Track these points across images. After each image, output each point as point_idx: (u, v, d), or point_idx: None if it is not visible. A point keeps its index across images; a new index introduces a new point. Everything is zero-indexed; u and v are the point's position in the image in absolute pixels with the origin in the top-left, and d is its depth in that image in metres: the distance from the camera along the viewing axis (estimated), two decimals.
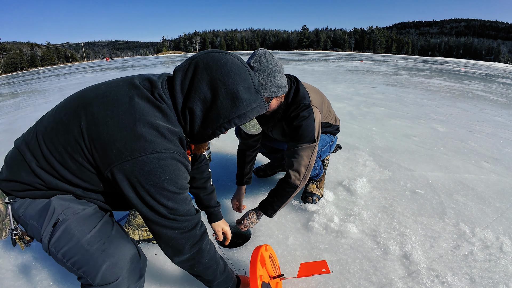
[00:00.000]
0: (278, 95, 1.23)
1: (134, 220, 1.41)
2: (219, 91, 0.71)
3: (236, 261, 1.34)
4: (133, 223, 1.40)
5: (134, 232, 1.42)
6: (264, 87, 1.18)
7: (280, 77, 1.21)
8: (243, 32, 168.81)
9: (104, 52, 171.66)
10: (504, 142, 3.10)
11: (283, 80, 1.24)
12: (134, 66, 18.52)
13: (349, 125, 3.55)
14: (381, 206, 1.76)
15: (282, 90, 1.24)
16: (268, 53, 1.20)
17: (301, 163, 1.33)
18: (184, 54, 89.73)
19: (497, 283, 1.21)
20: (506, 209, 1.76)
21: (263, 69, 1.16)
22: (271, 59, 1.18)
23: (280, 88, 1.22)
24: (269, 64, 1.16)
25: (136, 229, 1.41)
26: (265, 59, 1.16)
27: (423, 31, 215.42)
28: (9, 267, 1.31)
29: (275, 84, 1.20)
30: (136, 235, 1.42)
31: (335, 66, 15.09)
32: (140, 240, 1.43)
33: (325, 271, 1.04)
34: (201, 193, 1.20)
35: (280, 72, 1.21)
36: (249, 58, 1.19)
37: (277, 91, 1.22)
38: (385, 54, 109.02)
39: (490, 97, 6.51)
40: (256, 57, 1.17)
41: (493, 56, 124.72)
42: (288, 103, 1.37)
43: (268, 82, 1.18)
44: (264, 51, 1.20)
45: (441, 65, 22.38)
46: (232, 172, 2.20)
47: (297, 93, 1.36)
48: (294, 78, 1.42)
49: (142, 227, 1.42)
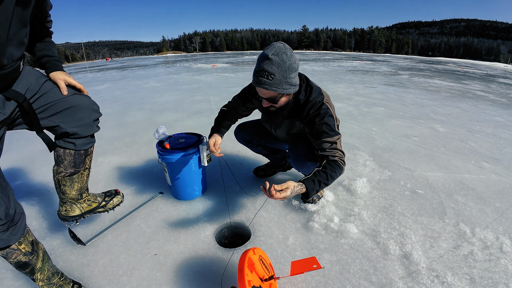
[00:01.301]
0: (289, 92, 1.22)
1: (65, 196, 1.27)
2: None
3: (236, 261, 1.34)
4: (66, 200, 1.29)
5: (73, 207, 1.31)
6: (278, 82, 1.14)
7: (295, 76, 1.19)
8: (243, 32, 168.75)
9: (104, 52, 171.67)
10: (504, 142, 3.10)
11: (297, 79, 1.23)
12: (134, 66, 18.52)
13: (349, 125, 3.55)
14: (381, 206, 1.76)
15: (293, 89, 1.23)
16: (288, 48, 1.16)
17: (340, 148, 1.31)
18: (184, 54, 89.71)
19: (497, 283, 1.21)
20: (506, 209, 1.76)
21: (281, 64, 1.12)
22: (290, 55, 1.15)
23: (293, 86, 1.21)
24: (288, 60, 1.13)
25: (73, 204, 1.30)
26: (284, 54, 1.13)
27: (423, 31, 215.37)
28: (9, 267, 1.31)
29: (290, 81, 1.18)
30: (76, 210, 1.31)
31: (335, 66, 15.09)
32: (83, 213, 1.33)
33: (316, 267, 1.03)
34: (39, 46, 1.09)
35: (296, 71, 1.19)
36: (268, 49, 1.14)
37: (290, 89, 1.20)
38: (385, 54, 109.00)
39: (490, 97, 6.51)
40: (276, 49, 1.13)
41: (493, 56, 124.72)
42: (303, 102, 1.34)
43: (284, 78, 1.15)
44: (284, 45, 1.16)
45: (441, 65, 22.38)
46: (232, 172, 2.20)
47: (311, 92, 1.34)
48: (304, 76, 1.40)
49: (78, 200, 1.31)
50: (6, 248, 0.95)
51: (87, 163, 1.27)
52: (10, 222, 0.91)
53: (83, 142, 1.18)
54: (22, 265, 1.01)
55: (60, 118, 1.07)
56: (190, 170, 1.72)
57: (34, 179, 2.14)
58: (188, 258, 1.35)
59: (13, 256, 0.97)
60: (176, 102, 5.19)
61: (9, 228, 0.91)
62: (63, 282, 1.15)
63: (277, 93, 1.19)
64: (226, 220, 1.64)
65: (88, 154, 1.25)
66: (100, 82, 9.20)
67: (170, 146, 1.67)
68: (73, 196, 1.28)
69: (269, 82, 1.14)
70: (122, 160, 2.48)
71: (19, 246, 0.97)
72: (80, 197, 1.32)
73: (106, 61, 45.91)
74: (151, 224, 1.60)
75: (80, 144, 1.17)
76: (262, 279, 1.06)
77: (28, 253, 1.01)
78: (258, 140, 1.81)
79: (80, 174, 1.25)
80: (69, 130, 1.10)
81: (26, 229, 1.01)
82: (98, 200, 1.40)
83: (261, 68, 1.14)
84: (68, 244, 1.45)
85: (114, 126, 3.62)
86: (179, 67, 15.72)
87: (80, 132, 1.14)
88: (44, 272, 1.08)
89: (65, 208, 1.30)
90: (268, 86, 1.16)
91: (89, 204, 1.35)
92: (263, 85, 1.16)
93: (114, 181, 2.11)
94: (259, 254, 1.13)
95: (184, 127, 3.48)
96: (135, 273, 1.27)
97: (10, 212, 0.90)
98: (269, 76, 1.13)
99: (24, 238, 0.99)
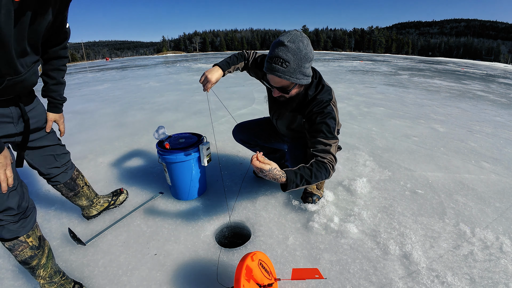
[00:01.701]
0: (302, 83, 1.18)
1: (81, 206, 1.57)
2: None
3: (236, 261, 1.34)
4: (84, 207, 1.59)
5: (90, 210, 1.62)
6: (292, 71, 1.10)
7: (309, 66, 1.16)
8: (243, 32, 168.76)
9: (104, 52, 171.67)
10: (504, 142, 3.10)
11: (310, 70, 1.19)
12: (134, 66, 18.52)
13: (349, 125, 3.55)
14: (381, 206, 1.76)
15: (306, 80, 1.19)
16: (305, 37, 1.12)
17: (330, 151, 1.23)
18: (184, 54, 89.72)
19: (497, 283, 1.21)
20: (506, 209, 1.76)
21: (297, 52, 1.08)
22: (307, 44, 1.11)
23: (306, 77, 1.17)
24: (304, 48, 1.10)
25: (90, 208, 1.61)
26: (301, 42, 1.09)
27: (423, 31, 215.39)
28: (9, 267, 1.31)
29: (303, 71, 1.14)
30: (93, 211, 1.63)
31: (335, 66, 15.10)
32: (99, 212, 1.65)
33: (318, 277, 1.02)
34: (49, 81, 1.24)
35: (312, 61, 1.16)
36: (283, 35, 1.10)
37: (303, 79, 1.16)
38: (385, 54, 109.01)
39: (490, 97, 6.52)
40: (292, 37, 1.09)
41: (493, 56, 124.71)
42: (311, 98, 1.30)
43: (298, 67, 1.11)
44: (301, 33, 1.11)
45: (441, 65, 22.39)
46: (233, 172, 2.20)
47: (322, 90, 1.30)
48: (318, 73, 1.36)
49: (92, 205, 1.61)
50: (15, 239, 0.99)
51: (80, 184, 1.51)
52: (22, 214, 0.98)
53: (63, 176, 1.40)
54: (27, 259, 1.04)
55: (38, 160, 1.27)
56: (190, 170, 1.72)
57: (34, 180, 2.14)
58: (188, 258, 1.35)
59: (20, 248, 1.01)
60: (176, 102, 5.19)
61: (20, 219, 0.98)
62: (65, 282, 1.16)
63: (289, 82, 1.15)
64: (226, 220, 1.64)
65: (75, 179, 1.47)
66: (100, 82, 9.19)
67: (170, 146, 1.67)
68: (86, 204, 1.59)
69: (283, 69, 1.10)
70: (122, 160, 2.48)
71: (27, 239, 1.02)
72: (92, 202, 1.62)
73: (106, 61, 45.87)
74: (151, 224, 1.60)
75: (61, 178, 1.39)
76: (261, 285, 1.04)
77: (35, 247, 1.05)
78: (255, 141, 1.81)
79: (82, 192, 1.53)
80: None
81: (36, 224, 1.06)
82: (108, 200, 1.72)
83: (275, 54, 1.09)
84: (68, 244, 1.45)
85: (114, 126, 3.62)
86: (179, 67, 15.72)
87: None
88: (47, 269, 1.11)
89: (85, 212, 1.64)
90: (281, 74, 1.11)
91: (102, 204, 1.67)
92: (277, 72, 1.11)
93: (114, 181, 2.11)
94: (258, 258, 1.09)
95: (184, 127, 3.48)
96: (135, 273, 1.27)
97: (23, 205, 0.98)
98: (284, 63, 1.08)
99: (32, 232, 1.04)
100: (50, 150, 1.27)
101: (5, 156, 0.84)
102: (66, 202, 1.80)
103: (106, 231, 1.55)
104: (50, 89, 1.27)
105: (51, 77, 1.23)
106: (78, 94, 6.43)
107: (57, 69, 1.23)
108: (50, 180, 1.38)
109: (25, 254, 1.03)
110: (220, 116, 3.97)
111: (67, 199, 1.57)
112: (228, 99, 5.18)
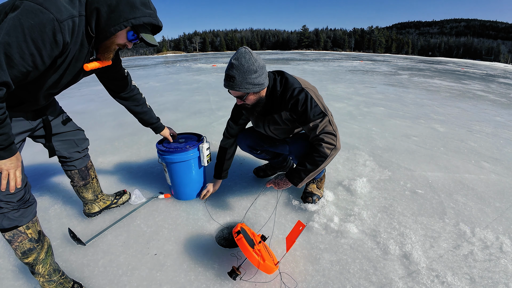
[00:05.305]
0: (254, 91, 1.33)
1: (85, 199, 1.61)
2: (121, 0, 0.92)
3: (236, 262, 1.34)
4: (87, 201, 1.62)
5: (93, 206, 1.65)
6: (239, 83, 1.28)
7: (256, 76, 1.30)
8: (243, 32, 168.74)
9: None
10: (504, 142, 3.10)
11: (260, 79, 1.32)
12: (134, 66, 18.50)
13: (349, 125, 3.55)
14: (381, 206, 1.76)
15: (258, 88, 1.33)
16: (247, 53, 1.28)
17: (326, 130, 1.36)
18: (184, 54, 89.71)
19: (497, 283, 1.21)
20: (506, 209, 1.76)
21: (240, 67, 1.26)
22: (249, 59, 1.27)
23: (256, 85, 1.32)
24: (246, 63, 1.26)
25: (93, 203, 1.64)
26: (243, 58, 1.26)
27: (423, 31, 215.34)
28: (9, 267, 1.31)
29: (250, 81, 1.29)
30: (96, 207, 1.66)
31: (335, 66, 15.10)
32: (101, 209, 1.68)
33: (302, 228, 1.19)
34: (143, 117, 1.57)
35: (257, 72, 1.29)
36: (232, 55, 1.30)
37: (253, 88, 1.32)
38: (385, 54, 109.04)
39: (490, 97, 6.52)
40: (237, 55, 1.28)
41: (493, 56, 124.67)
42: (280, 93, 1.43)
43: (244, 79, 1.28)
44: (245, 50, 1.29)
45: (441, 65, 22.39)
46: (232, 172, 2.20)
47: (287, 82, 1.42)
48: (278, 72, 1.49)
49: (95, 201, 1.65)
50: (14, 229, 1.02)
51: (92, 175, 1.58)
52: (23, 204, 1.03)
53: (81, 162, 1.48)
54: (26, 252, 1.06)
55: (61, 144, 1.38)
56: (190, 170, 1.72)
57: (35, 180, 2.14)
58: (188, 258, 1.35)
59: (19, 239, 1.04)
60: (176, 102, 5.19)
61: (20, 209, 1.03)
62: (64, 281, 1.17)
63: (241, 93, 1.32)
64: (226, 220, 1.64)
65: (89, 169, 1.55)
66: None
67: (170, 146, 1.67)
68: (91, 198, 1.62)
69: (232, 84, 1.30)
70: (122, 160, 2.48)
71: (26, 230, 1.05)
72: (96, 197, 1.65)
73: None
74: (151, 224, 1.60)
75: (79, 163, 1.47)
76: (256, 242, 1.21)
77: (34, 240, 1.08)
78: (261, 145, 1.81)
79: (91, 183, 1.59)
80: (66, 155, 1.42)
81: (36, 218, 1.10)
82: (111, 199, 1.75)
83: (226, 73, 1.32)
84: (68, 244, 1.45)
85: (114, 126, 3.62)
86: (179, 67, 15.72)
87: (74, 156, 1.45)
88: (46, 265, 1.12)
89: (87, 208, 1.65)
90: (231, 88, 1.31)
91: (104, 202, 1.71)
92: (228, 87, 1.33)
93: (114, 181, 2.11)
94: (240, 226, 1.26)
95: (184, 127, 3.48)
96: (135, 273, 1.27)
97: (25, 196, 1.04)
98: (231, 79, 1.29)
99: (32, 225, 1.08)
100: (71, 135, 1.39)
101: (17, 158, 0.92)
102: (66, 202, 1.80)
103: (106, 231, 1.55)
104: (144, 121, 1.60)
105: (137, 112, 1.54)
106: (78, 94, 6.43)
107: (136, 105, 1.52)
108: (67, 163, 1.44)
109: (24, 246, 1.05)
110: (220, 116, 3.97)
111: (69, 197, 1.60)
112: (228, 99, 5.18)
